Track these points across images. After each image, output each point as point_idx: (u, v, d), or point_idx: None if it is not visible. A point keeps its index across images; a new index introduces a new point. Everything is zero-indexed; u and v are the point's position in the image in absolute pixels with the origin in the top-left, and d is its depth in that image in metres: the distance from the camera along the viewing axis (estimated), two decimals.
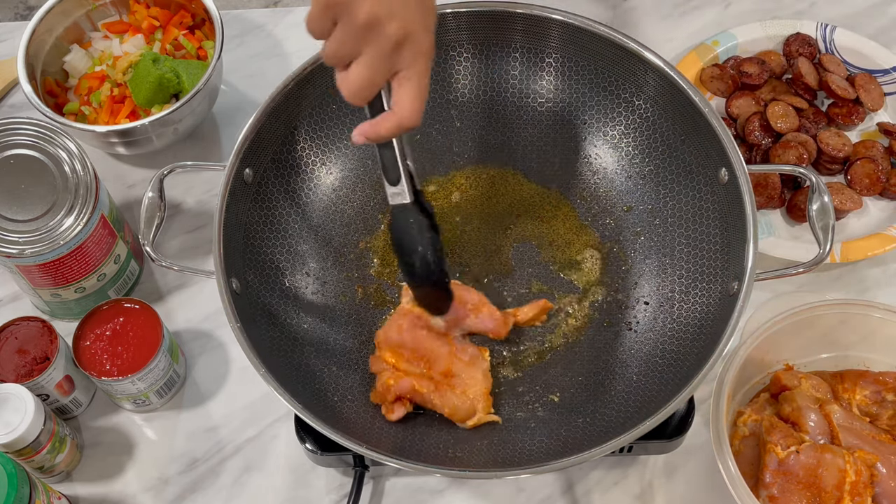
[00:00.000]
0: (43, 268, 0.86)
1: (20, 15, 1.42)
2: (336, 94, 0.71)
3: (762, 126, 1.03)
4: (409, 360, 0.84)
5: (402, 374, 0.83)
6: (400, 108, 0.69)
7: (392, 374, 0.83)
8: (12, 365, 0.86)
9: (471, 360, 0.84)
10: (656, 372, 0.84)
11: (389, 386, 0.82)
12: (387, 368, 0.84)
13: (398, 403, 0.83)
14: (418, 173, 0.77)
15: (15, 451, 0.81)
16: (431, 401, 0.83)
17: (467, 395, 0.83)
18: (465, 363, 0.84)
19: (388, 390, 0.82)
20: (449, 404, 0.82)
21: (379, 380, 0.84)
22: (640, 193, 0.93)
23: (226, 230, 0.82)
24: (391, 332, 0.85)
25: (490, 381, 0.84)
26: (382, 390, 0.83)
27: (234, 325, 0.78)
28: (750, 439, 0.81)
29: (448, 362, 0.84)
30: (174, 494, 0.89)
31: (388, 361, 0.84)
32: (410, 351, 0.84)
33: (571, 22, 0.90)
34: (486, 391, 0.83)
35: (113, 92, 1.01)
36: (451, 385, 0.83)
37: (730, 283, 0.81)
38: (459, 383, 0.83)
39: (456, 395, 0.83)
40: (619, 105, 0.93)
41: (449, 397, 0.83)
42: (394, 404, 0.83)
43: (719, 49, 1.09)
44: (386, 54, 0.66)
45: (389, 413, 0.83)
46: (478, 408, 0.83)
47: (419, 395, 0.83)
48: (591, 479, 0.89)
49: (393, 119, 0.69)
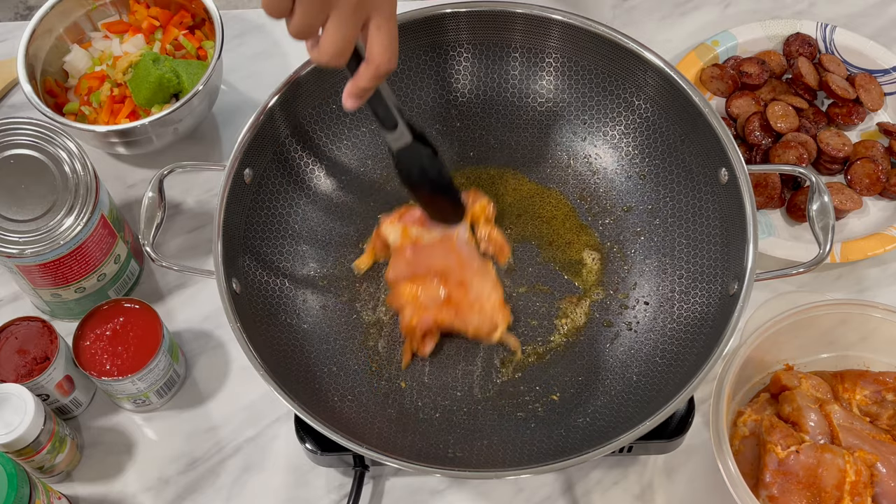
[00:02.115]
0: (43, 268, 0.86)
1: (20, 15, 1.42)
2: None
3: (762, 126, 1.03)
4: (424, 284, 0.86)
5: (422, 309, 0.85)
6: (375, 56, 0.70)
7: (413, 313, 0.86)
8: (12, 365, 0.86)
9: (479, 270, 0.87)
10: (656, 372, 0.84)
11: (413, 326, 0.85)
12: (407, 304, 0.86)
13: (427, 338, 0.86)
14: None
15: (15, 451, 0.81)
16: (454, 326, 0.86)
17: (485, 311, 0.86)
18: (474, 272, 0.87)
19: (413, 330, 0.85)
20: (472, 324, 0.86)
21: (402, 320, 0.86)
22: (640, 193, 0.93)
23: (226, 230, 0.82)
24: (399, 266, 0.88)
25: (501, 290, 0.88)
26: (408, 331, 0.86)
27: (234, 325, 0.78)
28: (750, 439, 0.81)
29: (460, 273, 0.87)
30: (174, 494, 0.89)
31: (406, 294, 0.86)
32: (423, 274, 0.87)
33: (571, 22, 0.90)
34: (501, 301, 0.87)
35: (113, 92, 1.01)
36: (469, 304, 0.86)
37: (730, 284, 0.81)
38: (476, 298, 0.86)
39: (476, 314, 0.85)
40: (619, 105, 0.93)
41: (470, 318, 0.86)
42: (423, 340, 0.86)
43: (719, 49, 1.09)
44: (352, 9, 0.67)
45: (421, 350, 0.86)
46: (498, 320, 0.86)
47: (443, 325, 0.86)
48: (591, 479, 0.89)
49: (371, 68, 0.71)
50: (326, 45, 0.69)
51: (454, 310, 0.86)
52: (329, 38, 0.68)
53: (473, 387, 0.87)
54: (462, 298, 0.86)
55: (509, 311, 0.87)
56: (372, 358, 0.88)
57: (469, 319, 0.86)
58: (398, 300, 0.87)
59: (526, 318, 0.90)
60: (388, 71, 0.72)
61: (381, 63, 0.71)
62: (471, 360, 0.88)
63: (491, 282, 0.87)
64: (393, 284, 0.88)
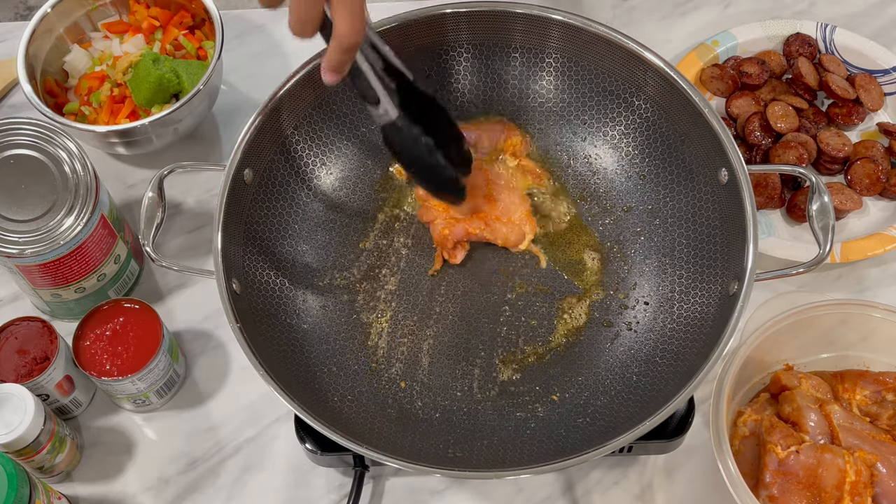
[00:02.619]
0: (43, 268, 0.86)
1: (20, 15, 1.42)
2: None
3: (762, 126, 1.03)
4: None
5: (454, 219, 0.90)
6: (338, 29, 0.71)
7: (445, 223, 0.89)
8: (12, 365, 0.86)
9: (506, 184, 0.92)
10: (656, 372, 0.84)
11: (446, 235, 0.89)
12: (438, 216, 0.90)
13: (458, 248, 0.91)
14: None
15: (15, 451, 0.81)
16: (484, 236, 0.90)
17: (513, 221, 0.90)
18: (501, 186, 0.92)
19: (445, 239, 0.89)
20: (500, 234, 0.91)
21: (434, 230, 0.90)
22: (640, 194, 0.93)
23: (226, 230, 0.82)
24: None
25: (528, 203, 0.92)
26: (441, 239, 0.90)
27: (234, 325, 0.78)
28: (750, 439, 0.81)
29: (488, 187, 0.91)
30: (174, 494, 0.89)
31: (437, 206, 0.91)
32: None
33: (571, 22, 0.90)
34: (528, 212, 0.92)
35: (113, 92, 1.01)
36: (497, 216, 0.91)
37: (730, 284, 0.81)
38: (504, 211, 0.91)
39: (504, 225, 0.90)
40: (619, 105, 0.93)
41: (499, 228, 0.90)
42: (454, 250, 0.90)
43: (719, 49, 1.09)
44: None
45: (452, 258, 0.90)
46: (525, 230, 0.90)
47: (474, 235, 0.90)
48: (591, 479, 0.89)
49: (335, 41, 0.71)
50: (291, 16, 0.70)
51: (483, 221, 0.89)
52: (292, 9, 0.70)
53: (473, 387, 0.87)
54: (490, 211, 0.91)
55: (536, 223, 0.92)
56: (372, 358, 0.88)
57: (498, 231, 0.90)
58: (429, 214, 0.91)
59: (526, 318, 0.90)
60: (352, 44, 0.72)
61: (344, 36, 0.71)
62: (471, 360, 0.88)
63: (518, 195, 0.91)
64: (423, 199, 0.91)
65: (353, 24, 0.70)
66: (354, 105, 0.94)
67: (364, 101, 0.79)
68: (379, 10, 1.11)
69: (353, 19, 0.70)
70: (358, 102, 0.94)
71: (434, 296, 0.91)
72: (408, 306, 0.90)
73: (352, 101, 0.93)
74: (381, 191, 0.95)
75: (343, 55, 0.73)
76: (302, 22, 0.70)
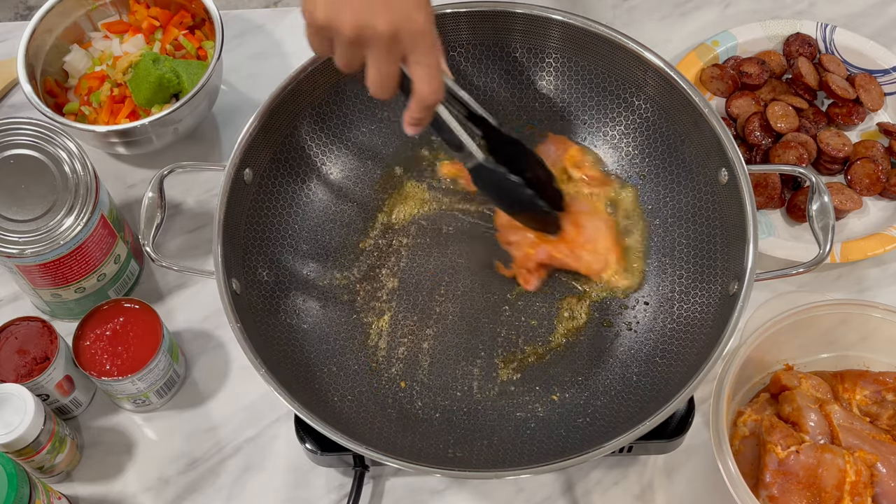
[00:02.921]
0: (43, 268, 0.86)
1: (20, 15, 1.42)
2: None
3: (762, 126, 1.03)
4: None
5: (538, 241, 0.87)
6: (417, 90, 0.71)
7: (530, 244, 0.87)
8: (12, 365, 0.86)
9: (590, 211, 0.89)
10: (656, 372, 0.84)
11: (530, 255, 0.87)
12: (520, 239, 0.88)
13: (536, 272, 0.88)
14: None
15: (15, 451, 0.81)
16: (568, 263, 0.88)
17: (598, 250, 0.87)
18: (585, 213, 0.89)
19: (528, 258, 0.87)
20: (584, 263, 0.88)
21: (518, 250, 0.88)
22: (640, 194, 0.93)
23: (226, 230, 0.82)
24: None
25: (615, 231, 0.89)
26: (523, 259, 0.88)
27: (234, 325, 0.78)
28: (750, 439, 0.81)
29: (573, 214, 0.88)
30: (174, 494, 0.89)
31: (522, 228, 0.88)
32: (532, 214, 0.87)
33: (571, 22, 0.89)
34: (615, 241, 0.88)
35: (113, 92, 1.01)
36: (582, 242, 0.88)
37: (730, 284, 0.81)
38: (588, 237, 0.88)
39: (588, 253, 0.87)
40: (620, 105, 0.93)
41: (584, 256, 0.88)
42: (531, 274, 0.88)
43: (719, 49, 1.09)
44: (385, 50, 0.69)
45: (527, 282, 0.88)
46: (610, 260, 0.87)
47: (557, 260, 0.88)
48: (591, 479, 0.89)
49: (415, 102, 0.72)
50: (370, 82, 0.71)
51: (569, 247, 0.87)
52: (370, 75, 0.71)
53: (473, 387, 0.87)
54: (576, 237, 0.88)
55: (622, 250, 0.89)
56: (372, 358, 0.88)
57: (582, 257, 0.88)
58: (514, 234, 0.89)
59: (526, 318, 0.90)
60: (433, 103, 0.73)
61: (425, 96, 0.72)
62: (471, 361, 0.88)
63: (604, 222, 0.89)
64: (504, 226, 0.90)
65: (431, 85, 0.71)
66: (355, 105, 0.94)
67: (448, 146, 0.79)
68: None
69: (430, 79, 0.71)
70: (359, 103, 0.94)
71: (434, 296, 0.91)
72: (408, 306, 0.90)
73: (353, 101, 0.93)
74: (381, 191, 0.95)
75: (424, 112, 0.73)
76: (381, 85, 0.71)
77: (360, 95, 0.94)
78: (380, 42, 0.68)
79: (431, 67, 0.71)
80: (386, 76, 0.71)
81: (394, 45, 0.68)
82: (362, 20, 0.67)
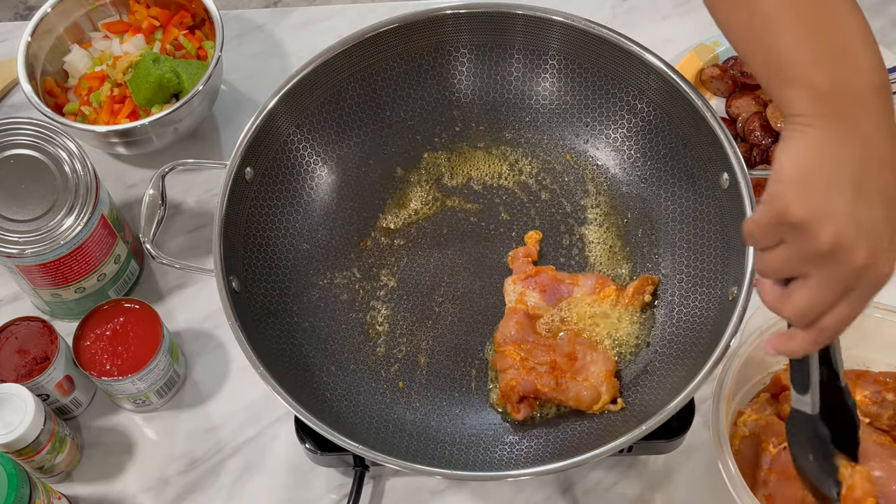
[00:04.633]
0: (43, 268, 0.86)
1: (20, 15, 1.42)
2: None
3: (762, 126, 1.03)
4: (532, 351, 0.84)
5: (525, 371, 0.83)
6: (825, 324, 0.61)
7: (515, 375, 0.83)
8: (12, 365, 0.86)
9: (591, 344, 0.85)
10: (656, 375, 0.84)
11: (513, 386, 0.82)
12: (512, 365, 0.83)
13: (524, 403, 0.83)
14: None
15: (15, 451, 0.81)
16: (555, 397, 0.82)
17: (590, 381, 0.83)
18: (585, 346, 0.84)
19: (512, 390, 0.83)
20: (573, 396, 0.82)
21: (502, 379, 0.84)
22: (641, 197, 0.93)
23: (226, 229, 0.82)
24: (509, 330, 0.86)
25: (612, 363, 0.84)
26: (507, 390, 0.83)
27: (233, 324, 0.78)
28: (750, 439, 0.81)
29: (570, 346, 0.84)
30: (174, 494, 0.89)
31: (514, 356, 0.84)
32: (533, 342, 0.84)
33: (572, 23, 0.89)
34: (609, 373, 0.83)
35: (113, 92, 1.01)
36: (574, 373, 0.83)
37: (729, 288, 0.81)
38: (582, 369, 0.83)
39: (578, 384, 0.82)
40: (622, 108, 0.93)
41: (571, 388, 0.82)
42: (519, 404, 0.83)
43: (719, 49, 1.09)
44: (842, 282, 0.59)
45: (515, 413, 0.83)
46: (602, 391, 0.82)
47: (542, 394, 0.82)
48: (591, 479, 0.89)
49: (812, 333, 0.62)
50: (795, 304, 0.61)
51: (556, 379, 0.82)
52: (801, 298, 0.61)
53: (472, 387, 0.87)
54: (568, 368, 0.83)
55: (617, 383, 0.83)
56: (371, 358, 0.88)
57: (570, 391, 0.82)
58: (503, 361, 0.84)
59: None
60: (825, 342, 0.63)
61: (824, 339, 0.62)
62: (469, 361, 0.88)
63: (602, 355, 0.84)
64: (501, 345, 0.86)
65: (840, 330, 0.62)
66: (356, 105, 0.94)
67: (790, 381, 0.71)
68: (379, 11, 1.11)
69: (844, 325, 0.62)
70: (359, 103, 0.94)
71: (433, 296, 0.91)
72: (407, 306, 0.90)
73: (353, 101, 0.94)
74: (381, 191, 0.95)
75: (809, 348, 0.63)
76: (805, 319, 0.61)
77: (362, 95, 0.94)
78: (846, 271, 0.58)
79: (856, 314, 0.61)
80: (823, 305, 0.60)
81: (855, 279, 0.59)
82: (845, 240, 0.57)
